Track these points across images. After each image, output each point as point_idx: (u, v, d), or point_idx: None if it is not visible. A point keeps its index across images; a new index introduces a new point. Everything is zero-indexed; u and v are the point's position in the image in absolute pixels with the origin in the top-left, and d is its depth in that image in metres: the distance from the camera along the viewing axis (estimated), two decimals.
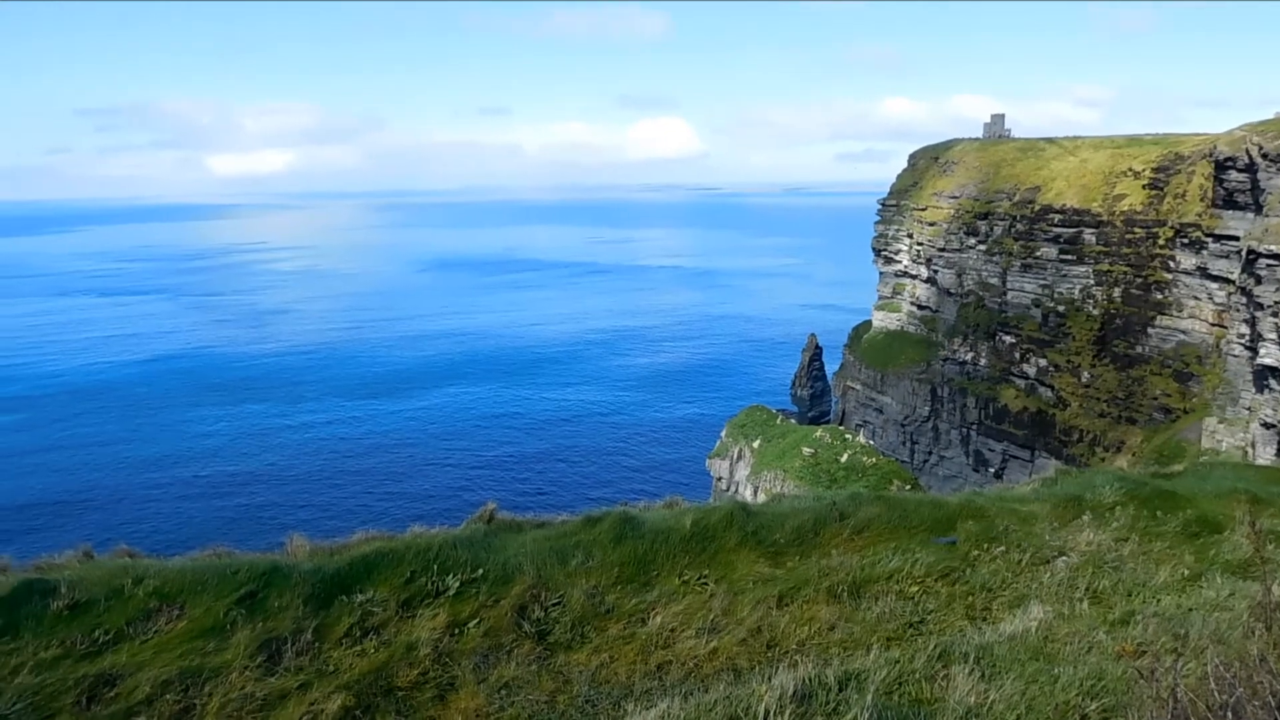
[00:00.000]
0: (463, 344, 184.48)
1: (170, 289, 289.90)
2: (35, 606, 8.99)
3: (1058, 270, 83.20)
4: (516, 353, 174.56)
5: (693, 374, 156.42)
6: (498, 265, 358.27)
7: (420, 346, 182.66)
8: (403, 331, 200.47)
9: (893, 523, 12.72)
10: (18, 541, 77.15)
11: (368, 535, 11.24)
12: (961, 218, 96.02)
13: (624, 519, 11.70)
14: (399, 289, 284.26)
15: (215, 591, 9.36)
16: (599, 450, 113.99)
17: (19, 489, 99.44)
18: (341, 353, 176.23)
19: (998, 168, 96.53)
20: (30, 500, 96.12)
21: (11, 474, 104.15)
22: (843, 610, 10.21)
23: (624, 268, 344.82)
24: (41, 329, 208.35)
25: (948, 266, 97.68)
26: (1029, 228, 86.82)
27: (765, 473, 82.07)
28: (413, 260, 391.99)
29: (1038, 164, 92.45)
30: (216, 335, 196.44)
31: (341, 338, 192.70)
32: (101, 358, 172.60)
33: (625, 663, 9.01)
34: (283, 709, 7.86)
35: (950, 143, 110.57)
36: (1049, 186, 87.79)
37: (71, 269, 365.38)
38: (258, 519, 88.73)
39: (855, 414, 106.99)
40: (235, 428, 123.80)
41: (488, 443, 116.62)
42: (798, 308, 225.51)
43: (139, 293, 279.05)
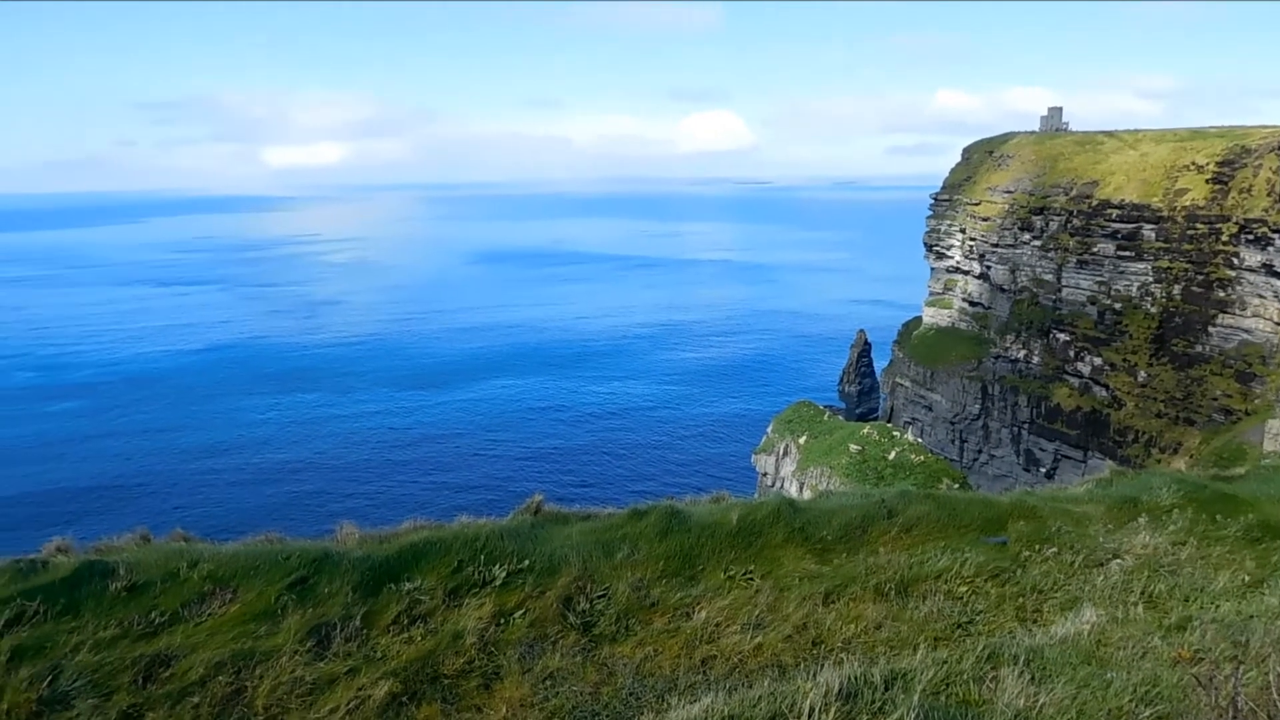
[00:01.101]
0: (510, 336, 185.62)
1: (225, 279, 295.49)
2: (95, 587, 9.20)
3: (1115, 267, 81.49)
4: (563, 346, 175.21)
5: (739, 369, 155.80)
6: (545, 258, 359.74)
7: (468, 338, 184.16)
8: (451, 323, 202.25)
9: (942, 521, 12.56)
10: (77, 524, 79.33)
11: (416, 524, 11.34)
12: (1016, 213, 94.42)
13: (670, 513, 11.68)
14: (447, 281, 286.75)
15: (267, 576, 9.51)
16: (644, 444, 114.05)
17: (80, 473, 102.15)
18: (390, 344, 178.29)
19: (1054, 161, 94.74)
20: (90, 484, 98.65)
21: (73, 458, 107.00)
22: (890, 609, 10.11)
23: (671, 261, 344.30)
24: (103, 318, 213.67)
25: (1001, 262, 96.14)
26: (1086, 223, 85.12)
27: (811, 469, 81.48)
28: (461, 252, 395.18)
29: (1096, 158, 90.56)
30: (269, 325, 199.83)
31: (390, 329, 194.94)
32: (159, 346, 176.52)
33: (669, 656, 9.01)
34: (331, 694, 7.97)
35: (1005, 136, 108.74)
36: (1107, 181, 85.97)
37: (132, 259, 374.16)
38: (307, 506, 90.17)
39: (904, 411, 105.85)
40: (286, 416, 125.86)
41: (534, 435, 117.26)
42: (847, 303, 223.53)
43: (195, 283, 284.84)
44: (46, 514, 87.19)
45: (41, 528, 71.71)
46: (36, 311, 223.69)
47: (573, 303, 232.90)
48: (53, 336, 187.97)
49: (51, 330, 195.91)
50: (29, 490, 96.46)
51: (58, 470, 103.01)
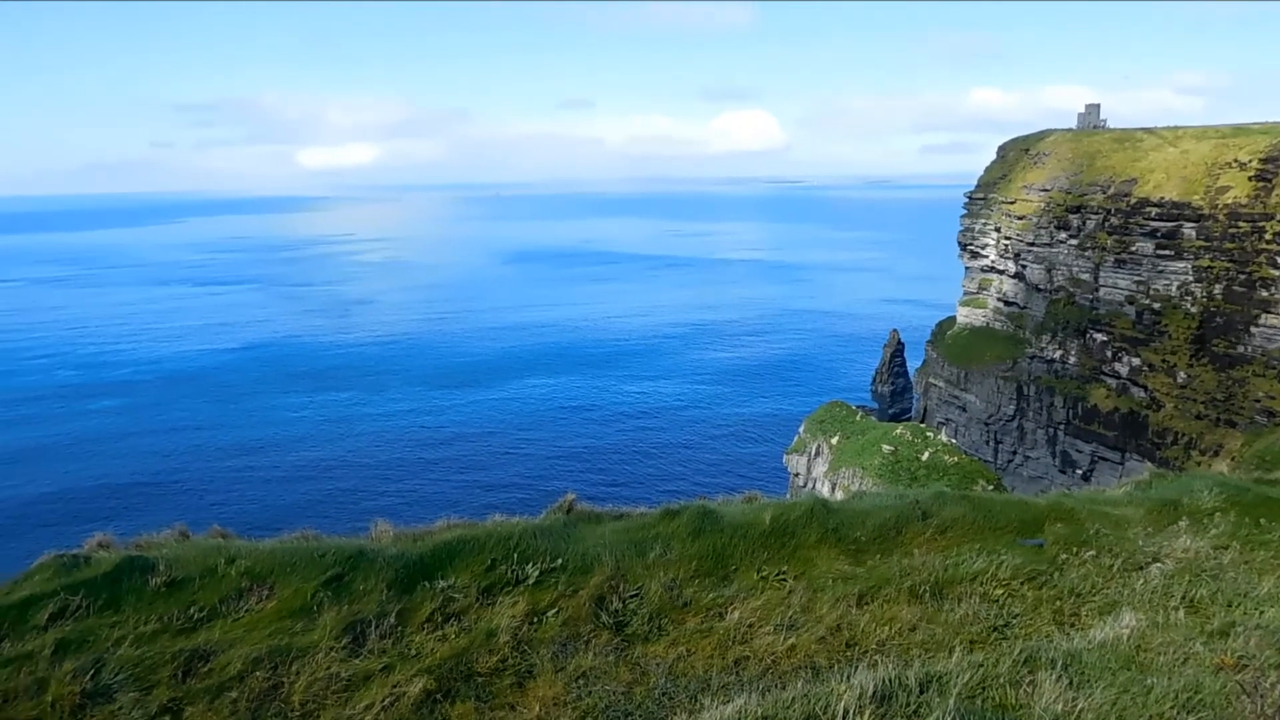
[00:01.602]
0: (542, 336, 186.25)
1: (261, 279, 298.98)
2: (135, 582, 9.34)
3: (1154, 266, 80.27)
4: (595, 345, 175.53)
5: (770, 369, 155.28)
6: (577, 257, 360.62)
7: (500, 337, 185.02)
8: (483, 322, 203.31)
9: (977, 523, 12.43)
10: (117, 520, 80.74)
11: (449, 523, 11.40)
12: (1052, 211, 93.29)
13: (703, 513, 11.66)
14: (480, 280, 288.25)
15: (303, 573, 9.60)
16: (675, 444, 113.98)
17: (118, 469, 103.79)
18: (423, 343, 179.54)
19: (1092, 159, 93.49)
20: (129, 481, 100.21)
21: (112, 455, 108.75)
22: (924, 611, 10.03)
23: (703, 261, 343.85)
24: (141, 317, 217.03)
25: (1037, 261, 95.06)
26: (1124, 221, 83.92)
27: (843, 469, 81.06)
28: (494, 252, 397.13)
29: (1135, 155, 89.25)
30: (304, 325, 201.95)
31: (423, 328, 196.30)
32: (196, 345, 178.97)
33: (702, 656, 9.00)
34: (366, 690, 8.03)
35: (1042, 134, 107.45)
36: (1146, 179, 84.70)
37: (170, 259, 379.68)
38: (341, 504, 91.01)
39: (937, 411, 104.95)
40: (320, 415, 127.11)
41: (565, 434, 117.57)
42: (879, 303, 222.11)
43: (231, 283, 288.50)
44: (87, 510, 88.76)
45: (82, 523, 73.00)
46: (77, 311, 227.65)
47: (604, 302, 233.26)
48: (92, 335, 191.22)
49: (91, 329, 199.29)
50: (70, 486, 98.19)
51: (97, 467, 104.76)
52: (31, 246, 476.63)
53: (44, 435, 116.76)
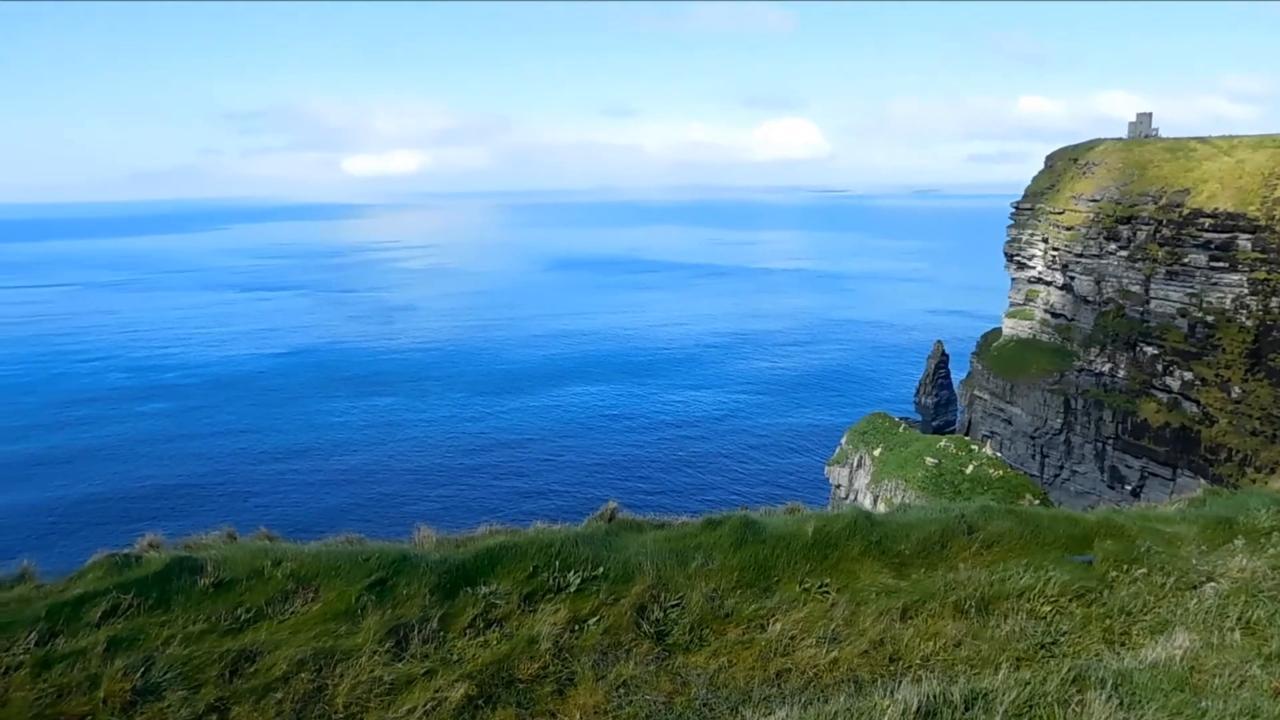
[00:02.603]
0: (584, 343, 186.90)
1: (307, 285, 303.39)
2: (184, 582, 9.49)
3: (1207, 278, 78.63)
4: (636, 353, 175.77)
5: (813, 379, 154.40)
6: (619, 265, 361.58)
7: (542, 345, 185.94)
8: (525, 329, 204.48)
9: (1024, 538, 12.24)
10: (165, 520, 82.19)
11: (492, 529, 11.46)
12: (1102, 222, 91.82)
13: (745, 523, 11.61)
14: (523, 287, 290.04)
15: (348, 577, 9.69)
16: (716, 454, 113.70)
17: (167, 471, 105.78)
18: (466, 349, 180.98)
19: (1143, 169, 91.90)
20: (177, 482, 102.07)
21: (161, 457, 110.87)
22: (970, 626, 9.89)
23: (745, 270, 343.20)
24: (190, 322, 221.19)
25: (1085, 273, 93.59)
26: (1176, 233, 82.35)
27: (886, 481, 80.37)
28: (536, 259, 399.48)
29: (1188, 165, 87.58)
30: (348, 330, 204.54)
31: (466, 335, 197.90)
32: (242, 350, 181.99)
33: (744, 668, 8.95)
34: (409, 694, 8.09)
35: (1091, 143, 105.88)
36: (1200, 189, 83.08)
37: (217, 265, 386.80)
38: (383, 508, 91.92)
39: (982, 424, 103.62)
40: (363, 419, 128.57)
41: (607, 442, 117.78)
42: (924, 313, 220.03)
43: (277, 288, 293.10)
44: (136, 510, 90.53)
45: (132, 523, 74.45)
46: (128, 315, 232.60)
47: (646, 310, 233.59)
48: (143, 339, 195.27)
49: (142, 333, 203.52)
50: (120, 487, 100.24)
51: (147, 468, 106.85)
52: (85, 251, 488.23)
53: (96, 437, 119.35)
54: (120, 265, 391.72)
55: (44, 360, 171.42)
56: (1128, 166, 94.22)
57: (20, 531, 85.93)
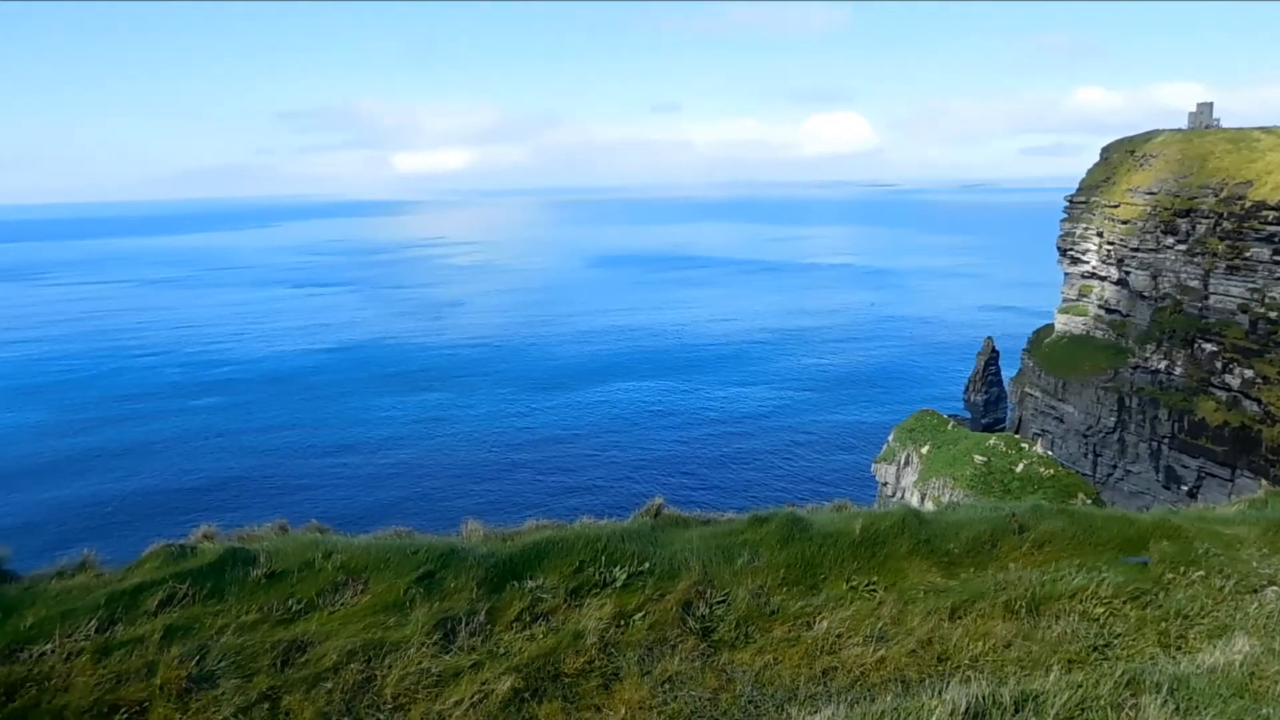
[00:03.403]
0: (630, 340, 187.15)
1: (356, 281, 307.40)
2: (238, 573, 9.67)
3: (1270, 273, 76.54)
4: (683, 350, 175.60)
5: (860, 376, 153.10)
6: (666, 262, 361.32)
7: (588, 341, 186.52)
8: (571, 326, 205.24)
9: (1077, 538, 12.03)
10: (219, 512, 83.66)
11: (538, 524, 11.53)
12: (1159, 215, 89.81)
13: (792, 520, 11.55)
14: (569, 284, 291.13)
15: (396, 569, 9.81)
16: (762, 450, 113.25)
17: (220, 465, 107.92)
18: (512, 345, 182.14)
19: (1203, 161, 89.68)
20: (229, 475, 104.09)
21: (214, 451, 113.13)
22: (1020, 627, 9.75)
23: (792, 265, 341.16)
24: (244, 317, 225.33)
25: (1141, 268, 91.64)
26: (1237, 226, 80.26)
27: (933, 480, 79.48)
28: (583, 255, 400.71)
29: (1250, 156, 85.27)
30: (396, 327, 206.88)
31: (512, 331, 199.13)
32: (293, 346, 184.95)
33: (790, 666, 8.90)
34: (456, 686, 8.16)
35: (1149, 134, 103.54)
36: (1263, 180, 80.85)
37: (269, 262, 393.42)
38: (431, 502, 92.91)
39: (1033, 422, 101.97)
40: (411, 415, 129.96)
41: (652, 438, 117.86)
42: (973, 309, 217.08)
43: (328, 285, 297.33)
44: (190, 502, 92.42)
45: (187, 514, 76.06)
46: (183, 311, 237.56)
47: (693, 307, 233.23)
48: (197, 335, 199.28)
49: (196, 329, 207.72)
50: (175, 479, 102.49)
51: (200, 461, 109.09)
52: (142, 249, 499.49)
53: (151, 430, 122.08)
54: (176, 262, 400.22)
55: (102, 355, 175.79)
56: (1187, 158, 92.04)
57: (81, 521, 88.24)
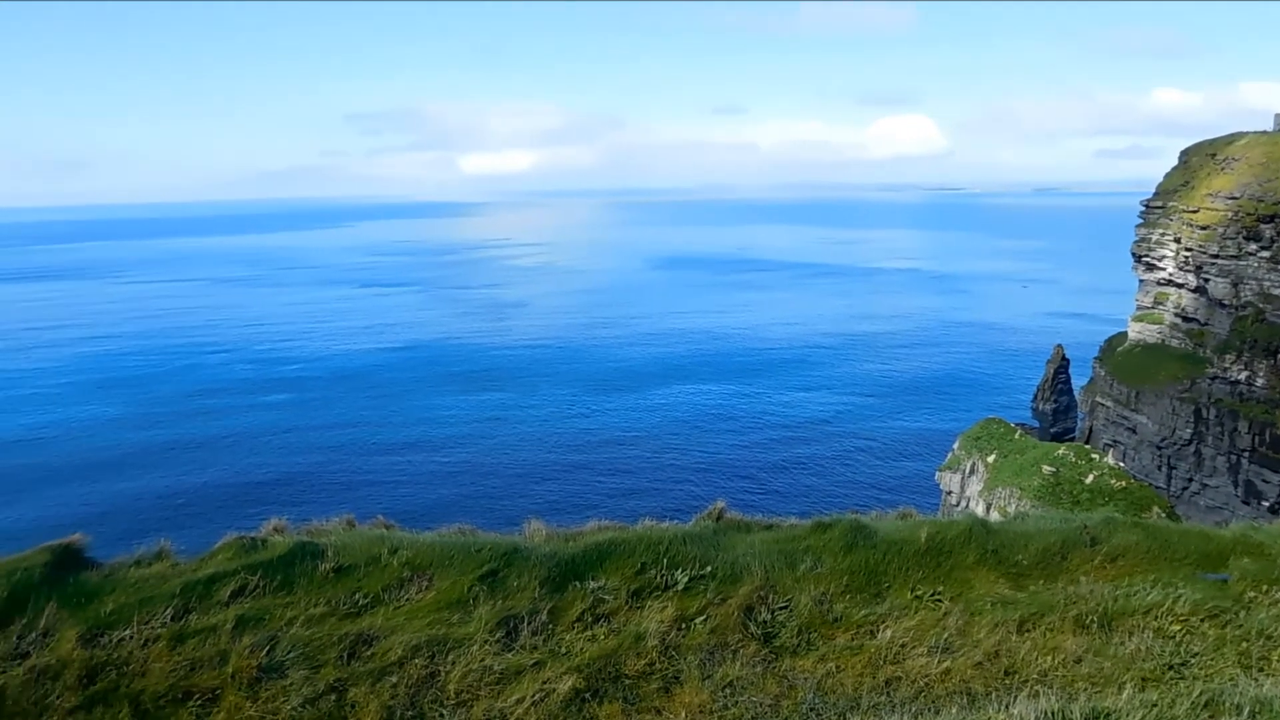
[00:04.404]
0: (691, 342, 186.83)
1: (422, 281, 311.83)
2: (306, 566, 9.88)
3: None
4: (745, 354, 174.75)
5: (925, 383, 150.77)
6: (729, 264, 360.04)
7: (650, 343, 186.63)
8: (633, 328, 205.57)
9: (1152, 552, 11.69)
10: (287, 506, 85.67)
11: (600, 525, 11.56)
12: (1241, 220, 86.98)
13: (855, 527, 11.42)
14: (631, 286, 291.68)
15: (460, 567, 9.92)
16: (824, 456, 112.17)
17: (288, 460, 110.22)
18: (575, 347, 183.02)
19: None
20: (297, 470, 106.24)
21: (282, 447, 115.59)
22: (1091, 642, 9.50)
23: (857, 269, 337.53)
24: (312, 316, 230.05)
25: (1221, 275, 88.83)
26: None
27: (999, 489, 77.85)
28: (645, 257, 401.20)
29: None
30: (460, 327, 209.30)
31: (575, 332, 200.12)
32: (360, 344, 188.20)
33: (852, 674, 8.80)
34: (518, 684, 8.22)
35: (1232, 137, 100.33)
36: None
37: (337, 262, 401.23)
38: (492, 500, 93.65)
39: (1104, 432, 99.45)
40: (474, 414, 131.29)
41: (713, 442, 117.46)
42: (1043, 316, 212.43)
43: (394, 285, 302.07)
44: (260, 495, 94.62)
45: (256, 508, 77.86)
46: (254, 309, 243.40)
47: (756, 310, 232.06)
48: (267, 332, 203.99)
49: (266, 327, 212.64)
50: (245, 473, 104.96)
51: (270, 456, 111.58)
52: (214, 248, 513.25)
53: (223, 425, 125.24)
54: (248, 261, 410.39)
55: (177, 351, 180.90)
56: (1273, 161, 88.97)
57: (155, 511, 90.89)
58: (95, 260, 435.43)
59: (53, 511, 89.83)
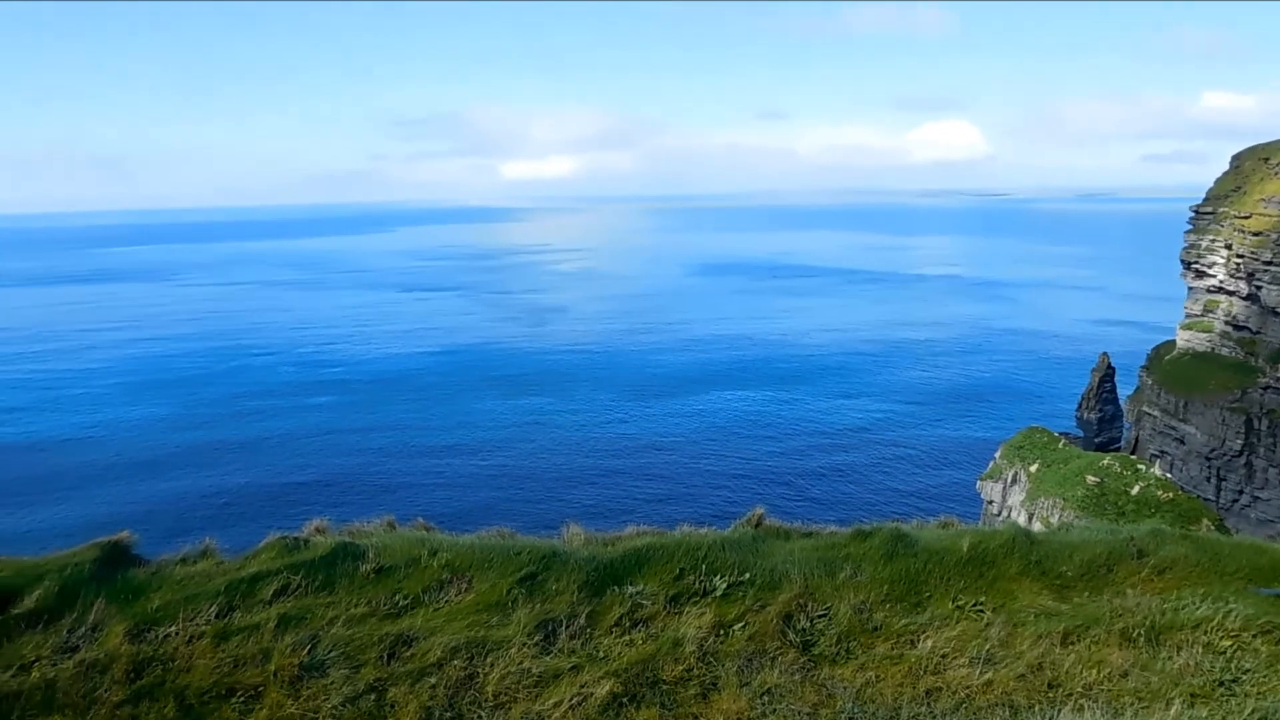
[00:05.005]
0: (731, 348, 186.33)
1: (464, 286, 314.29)
2: (347, 567, 9.97)
3: None
4: (784, 360, 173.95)
5: (966, 390, 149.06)
6: (768, 270, 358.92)
7: (688, 349, 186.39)
8: (672, 334, 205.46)
9: (1201, 566, 11.45)
10: (328, 507, 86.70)
11: (639, 530, 11.54)
12: None
13: (896, 535, 11.31)
14: (671, 291, 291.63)
15: (500, 569, 9.96)
16: (864, 464, 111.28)
17: (330, 461, 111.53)
18: (614, 352, 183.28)
19: None
20: (338, 472, 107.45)
21: (324, 449, 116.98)
22: (1138, 656, 9.31)
23: (898, 276, 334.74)
24: (355, 320, 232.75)
25: (1274, 282, 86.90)
26: None
27: (1042, 499, 76.69)
28: (685, 263, 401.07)
29: None
30: (501, 331, 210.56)
31: (614, 338, 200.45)
32: (402, 348, 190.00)
33: (892, 684, 8.71)
34: (555, 688, 8.23)
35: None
36: None
37: (382, 266, 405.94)
38: (530, 504, 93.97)
39: (1150, 442, 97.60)
40: (512, 418, 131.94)
41: (751, 449, 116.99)
42: (1088, 323, 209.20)
43: (436, 289, 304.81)
44: (302, 495, 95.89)
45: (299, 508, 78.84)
46: (299, 313, 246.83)
47: (795, 316, 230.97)
48: (312, 335, 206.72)
49: (311, 330, 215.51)
50: (288, 474, 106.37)
51: (312, 457, 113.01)
52: (262, 252, 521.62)
53: (267, 426, 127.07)
54: (294, 265, 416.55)
55: (224, 353, 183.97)
56: None
57: (201, 510, 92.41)
58: (147, 263, 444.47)
59: (101, 509, 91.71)
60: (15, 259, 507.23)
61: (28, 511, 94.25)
